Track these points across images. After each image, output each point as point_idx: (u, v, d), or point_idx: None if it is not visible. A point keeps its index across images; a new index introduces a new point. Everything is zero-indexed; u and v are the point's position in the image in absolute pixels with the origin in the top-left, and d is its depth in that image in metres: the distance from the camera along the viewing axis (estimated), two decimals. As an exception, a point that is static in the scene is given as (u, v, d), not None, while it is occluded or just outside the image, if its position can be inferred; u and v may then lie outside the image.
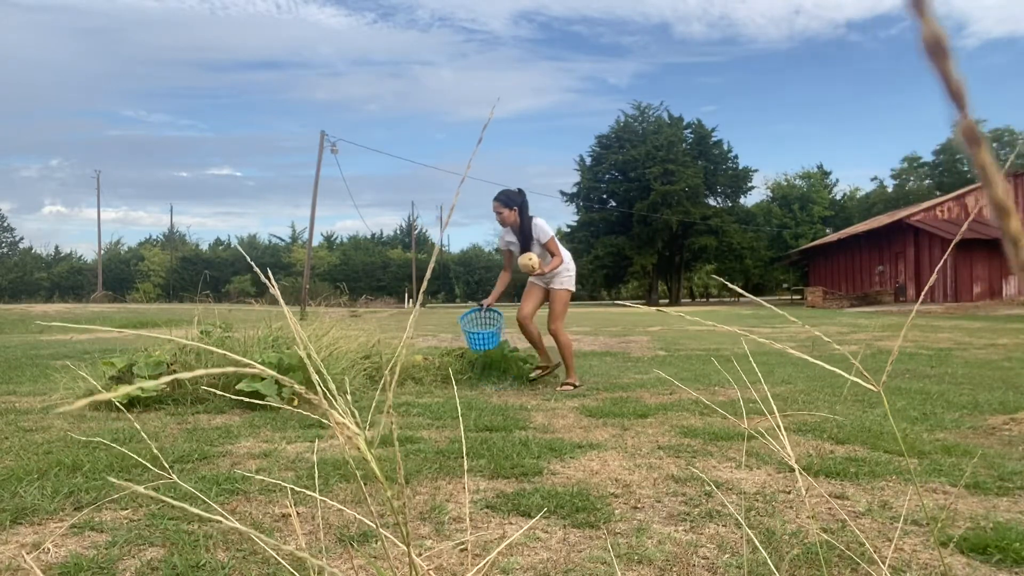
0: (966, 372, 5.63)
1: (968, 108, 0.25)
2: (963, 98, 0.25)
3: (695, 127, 45.60)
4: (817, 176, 51.67)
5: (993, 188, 0.25)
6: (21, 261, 56.07)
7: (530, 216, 5.11)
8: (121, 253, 59.20)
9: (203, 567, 1.67)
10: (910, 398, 4.23)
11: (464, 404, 4.13)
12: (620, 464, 2.71)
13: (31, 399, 4.38)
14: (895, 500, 2.22)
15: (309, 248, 27.63)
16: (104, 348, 7.91)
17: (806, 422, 3.49)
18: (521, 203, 5.12)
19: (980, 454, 2.79)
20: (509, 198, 5.11)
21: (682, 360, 7.00)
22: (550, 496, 2.23)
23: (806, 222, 48.51)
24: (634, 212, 41.80)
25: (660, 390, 4.74)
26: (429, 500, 2.23)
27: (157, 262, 54.69)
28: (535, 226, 5.07)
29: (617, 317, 19.56)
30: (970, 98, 0.25)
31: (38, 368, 6.11)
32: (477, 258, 57.73)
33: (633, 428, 3.43)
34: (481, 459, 2.75)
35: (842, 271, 34.97)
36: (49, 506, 2.11)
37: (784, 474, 2.53)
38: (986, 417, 3.60)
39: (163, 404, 4.03)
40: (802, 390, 4.63)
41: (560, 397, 4.51)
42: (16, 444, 3.00)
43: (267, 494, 2.30)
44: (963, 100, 0.25)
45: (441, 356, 5.64)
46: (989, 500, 2.22)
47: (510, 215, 5.11)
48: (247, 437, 3.23)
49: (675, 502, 2.22)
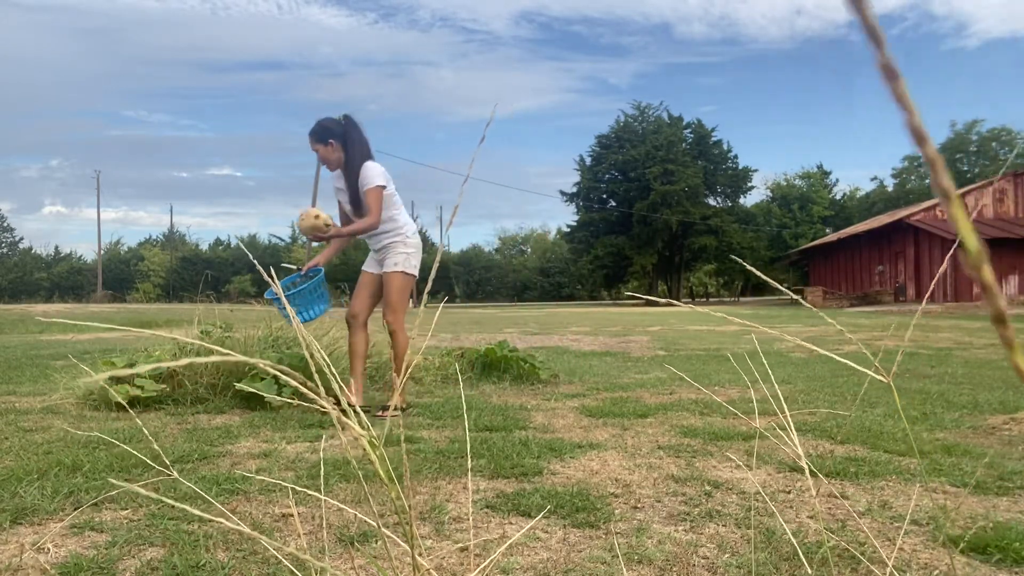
0: (966, 372, 5.63)
1: (886, 46, 0.25)
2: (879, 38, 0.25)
3: (695, 127, 45.61)
4: (817, 176, 51.68)
5: (911, 116, 0.26)
6: (21, 261, 56.06)
7: (366, 156, 3.93)
8: (121, 253, 59.20)
9: (203, 567, 1.67)
10: (910, 398, 4.23)
11: (464, 404, 4.13)
12: (620, 464, 2.71)
13: (31, 399, 4.38)
14: (895, 500, 2.22)
15: (309, 248, 27.64)
16: (104, 348, 7.91)
17: (806, 422, 3.49)
18: (343, 134, 3.93)
19: (981, 454, 2.80)
20: (324, 129, 3.94)
21: (682, 360, 7.00)
22: (550, 496, 2.24)
23: (806, 222, 48.51)
24: (634, 212, 41.81)
25: (660, 390, 4.73)
26: (429, 500, 2.23)
27: (157, 262, 54.69)
28: (363, 169, 3.88)
29: (617, 317, 19.56)
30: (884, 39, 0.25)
31: (38, 368, 6.11)
32: (477, 258, 57.73)
33: (633, 428, 3.43)
34: (481, 459, 2.75)
35: (842, 271, 34.98)
36: (49, 506, 2.11)
37: (784, 474, 2.53)
38: (986, 417, 3.60)
39: (163, 404, 4.03)
40: (802, 390, 4.63)
41: (560, 397, 4.51)
42: (16, 444, 3.00)
43: (267, 494, 2.30)
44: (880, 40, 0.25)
45: (441, 356, 5.64)
46: (989, 500, 2.22)
47: (328, 152, 3.94)
48: (247, 437, 3.23)
49: (675, 502, 2.22)
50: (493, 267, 56.72)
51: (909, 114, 0.26)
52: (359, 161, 3.88)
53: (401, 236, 3.95)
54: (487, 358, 5.38)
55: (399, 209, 4.00)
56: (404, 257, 3.93)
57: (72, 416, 3.78)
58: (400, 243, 3.94)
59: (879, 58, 0.26)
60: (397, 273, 3.91)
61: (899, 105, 0.26)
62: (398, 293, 3.91)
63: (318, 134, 3.93)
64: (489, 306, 40.97)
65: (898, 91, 0.26)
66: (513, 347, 5.52)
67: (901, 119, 0.26)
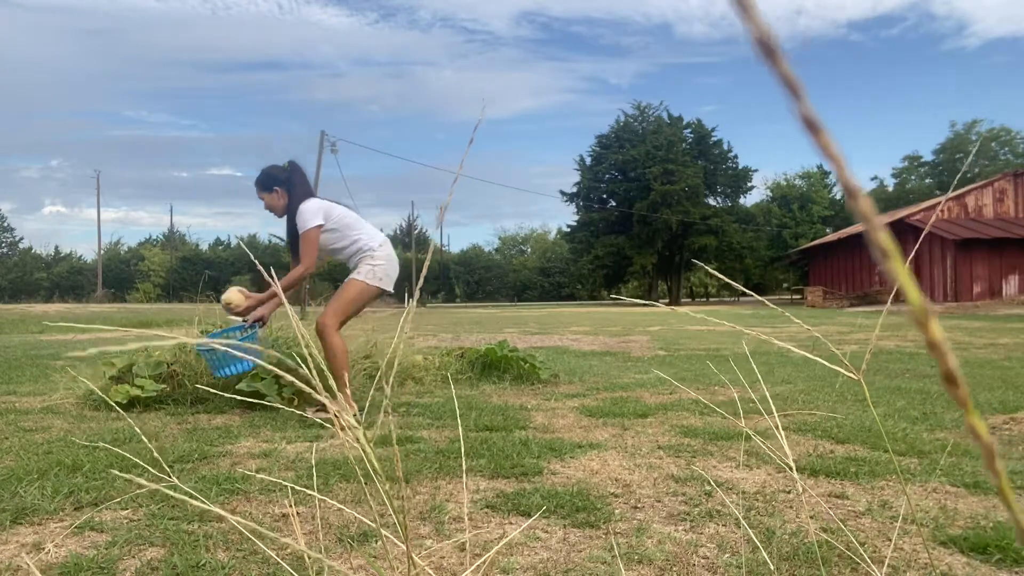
0: (966, 372, 5.63)
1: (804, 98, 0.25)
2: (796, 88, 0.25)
3: (695, 127, 45.59)
4: (817, 176, 51.64)
5: (802, 103, 0.25)
6: (21, 261, 56.04)
7: (306, 199, 3.82)
8: (121, 253, 59.17)
9: (203, 567, 1.67)
10: (910, 398, 4.23)
11: (464, 404, 4.13)
12: (620, 464, 2.71)
13: (31, 399, 4.38)
14: (895, 500, 2.22)
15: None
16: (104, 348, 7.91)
17: (806, 422, 3.49)
18: (287, 180, 3.87)
19: (980, 454, 2.79)
20: (268, 177, 3.90)
21: (682, 360, 7.00)
22: (550, 496, 2.24)
23: (806, 222, 48.49)
24: (634, 212, 41.80)
25: (660, 390, 4.73)
26: (429, 500, 2.23)
27: (157, 262, 54.67)
28: (299, 211, 3.77)
29: (617, 317, 19.56)
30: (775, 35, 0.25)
31: (38, 368, 6.11)
32: (477, 258, 57.71)
33: (633, 428, 3.43)
34: (481, 459, 2.75)
35: (842, 271, 34.97)
36: (49, 506, 2.11)
37: (784, 474, 2.53)
38: (986, 417, 3.60)
39: (163, 404, 4.03)
40: (802, 390, 4.63)
41: (560, 397, 4.50)
42: (16, 444, 3.01)
43: (267, 494, 2.30)
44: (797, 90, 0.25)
45: (441, 356, 5.64)
46: (989, 500, 2.22)
47: (273, 200, 3.86)
48: (247, 437, 3.23)
49: (675, 502, 2.22)
50: (493, 267, 56.70)
51: (838, 168, 0.26)
52: (298, 204, 3.82)
53: (367, 252, 3.85)
54: (487, 358, 5.38)
55: (357, 229, 3.90)
56: (369, 269, 3.81)
57: (72, 416, 3.78)
58: (367, 257, 3.84)
59: (799, 109, 0.25)
60: (356, 281, 3.81)
61: (826, 158, 0.26)
62: (345, 300, 3.78)
63: (263, 182, 3.91)
64: (489, 306, 40.98)
65: (822, 143, 0.25)
66: (513, 347, 5.52)
67: (833, 171, 0.26)
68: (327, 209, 3.84)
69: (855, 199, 0.25)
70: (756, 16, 0.24)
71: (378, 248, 3.87)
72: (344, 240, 3.87)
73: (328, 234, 3.82)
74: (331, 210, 3.87)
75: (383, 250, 3.88)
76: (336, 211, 3.89)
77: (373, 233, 3.94)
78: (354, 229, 3.89)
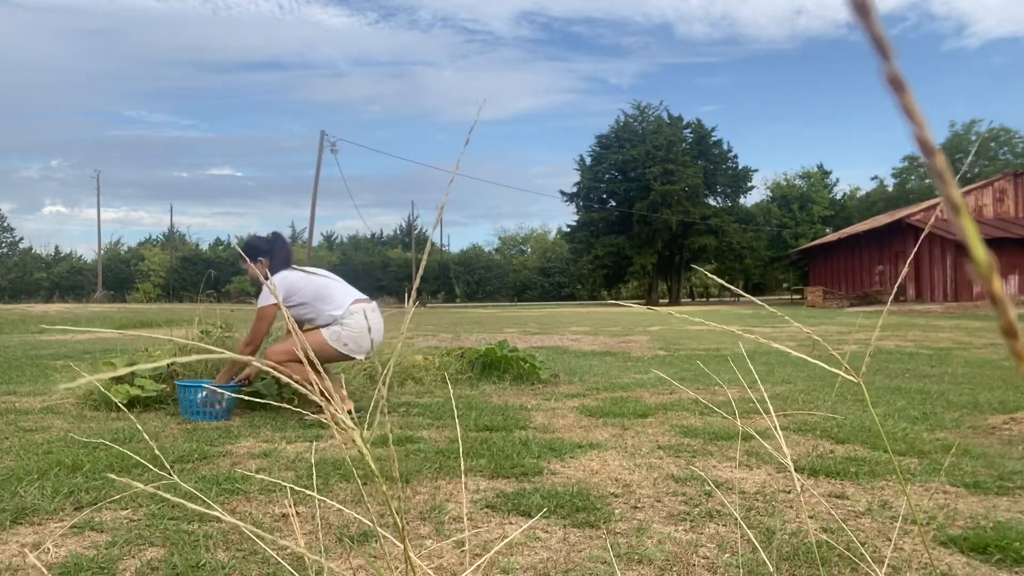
0: (966, 372, 5.63)
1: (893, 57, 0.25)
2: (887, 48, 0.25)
3: (695, 127, 45.59)
4: (817, 176, 51.64)
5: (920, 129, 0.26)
6: (21, 261, 56.04)
7: (282, 268, 3.89)
8: (121, 253, 59.18)
9: (203, 567, 1.67)
10: (910, 398, 4.23)
11: (464, 404, 4.13)
12: (620, 464, 2.71)
13: (31, 399, 4.38)
14: (895, 500, 2.22)
15: (309, 248, 27.64)
16: (104, 348, 7.91)
17: (806, 422, 3.49)
18: (269, 251, 3.93)
19: (981, 454, 2.79)
20: (252, 248, 4.00)
21: (682, 360, 7.00)
22: (550, 496, 2.24)
23: (806, 222, 48.49)
24: (634, 212, 41.79)
25: (660, 390, 4.73)
26: (429, 500, 2.23)
27: (157, 262, 54.67)
28: (262, 288, 3.82)
29: (617, 317, 19.56)
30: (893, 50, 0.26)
31: (38, 368, 6.11)
32: (477, 258, 57.69)
33: (633, 428, 3.43)
34: (481, 459, 2.75)
35: (842, 271, 34.97)
36: (49, 506, 2.11)
37: (784, 474, 2.53)
38: (986, 417, 3.60)
39: (163, 404, 4.03)
40: (802, 390, 4.63)
41: (560, 397, 4.51)
42: (16, 444, 3.01)
43: (267, 494, 2.30)
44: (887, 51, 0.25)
45: (441, 356, 5.64)
46: (989, 500, 2.22)
47: (257, 270, 3.60)
48: (247, 437, 3.23)
49: (675, 502, 2.22)
50: (493, 267, 56.68)
51: (918, 127, 0.26)
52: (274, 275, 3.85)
53: (337, 320, 3.75)
54: (487, 358, 5.38)
55: (327, 301, 3.81)
56: (335, 330, 3.72)
57: (72, 416, 3.78)
58: (335, 321, 3.75)
59: (886, 70, 0.26)
60: (319, 333, 3.71)
61: (907, 118, 0.26)
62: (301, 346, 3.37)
63: (248, 253, 3.98)
64: (489, 306, 40.98)
65: (906, 103, 0.26)
66: (513, 347, 5.52)
67: (910, 131, 0.26)
68: (292, 285, 3.79)
69: (932, 156, 0.26)
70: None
71: (348, 318, 3.76)
72: (312, 312, 3.81)
73: (296, 308, 3.77)
74: (299, 285, 3.81)
75: (354, 319, 3.76)
76: (307, 286, 3.83)
77: (343, 302, 3.82)
78: (326, 302, 3.81)
